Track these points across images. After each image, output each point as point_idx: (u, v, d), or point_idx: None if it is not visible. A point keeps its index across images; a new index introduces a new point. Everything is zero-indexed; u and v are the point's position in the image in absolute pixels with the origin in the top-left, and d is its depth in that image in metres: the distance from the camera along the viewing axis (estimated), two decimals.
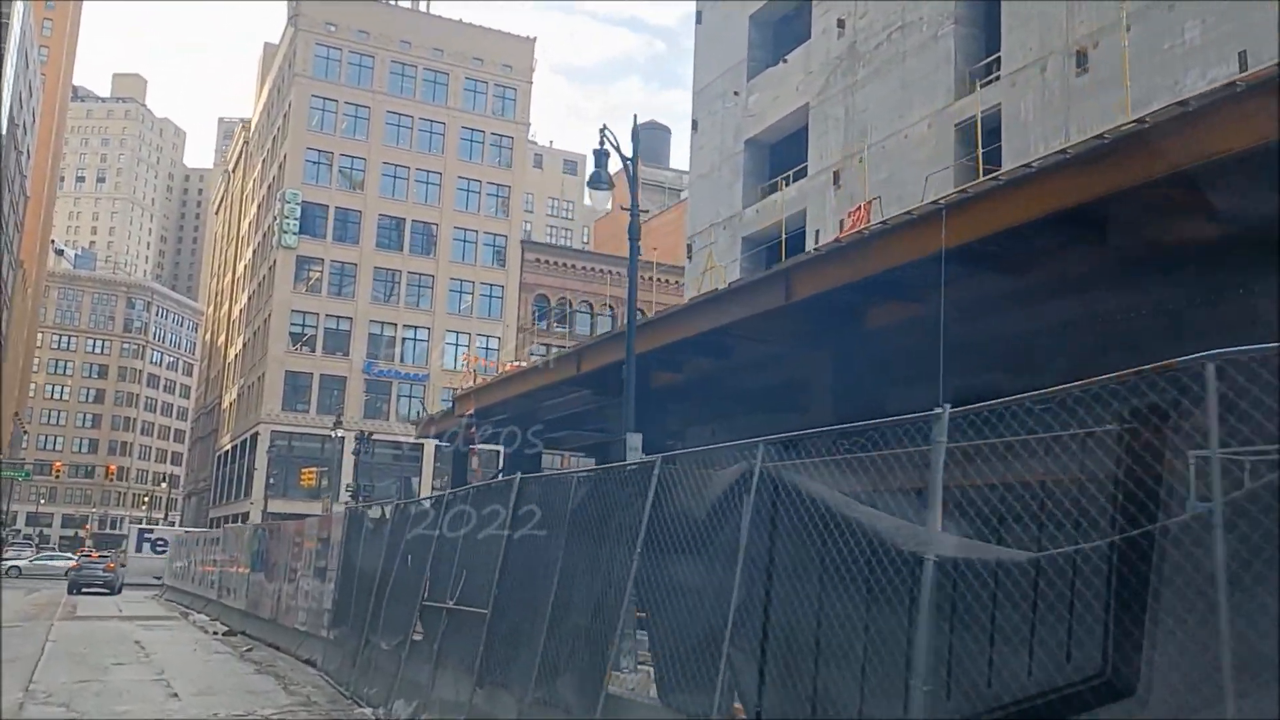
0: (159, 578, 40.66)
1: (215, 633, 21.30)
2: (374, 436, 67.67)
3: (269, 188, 75.70)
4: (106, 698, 12.21)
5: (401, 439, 67.99)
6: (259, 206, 79.76)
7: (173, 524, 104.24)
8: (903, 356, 19.55)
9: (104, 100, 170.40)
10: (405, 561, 11.50)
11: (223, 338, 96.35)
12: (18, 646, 17.87)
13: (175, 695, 12.39)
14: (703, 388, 25.58)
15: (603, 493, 7.56)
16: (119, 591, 39.42)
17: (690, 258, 38.36)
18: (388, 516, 12.51)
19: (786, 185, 33.36)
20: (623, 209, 19.31)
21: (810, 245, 29.32)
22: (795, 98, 32.67)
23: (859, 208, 22.63)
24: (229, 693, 12.71)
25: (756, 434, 6.21)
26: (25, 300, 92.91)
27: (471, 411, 31.28)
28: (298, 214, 67.81)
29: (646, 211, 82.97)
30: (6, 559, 65.07)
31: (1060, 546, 3.93)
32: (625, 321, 20.08)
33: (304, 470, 53.80)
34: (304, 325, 68.22)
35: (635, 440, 13.87)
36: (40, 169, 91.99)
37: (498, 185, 73.86)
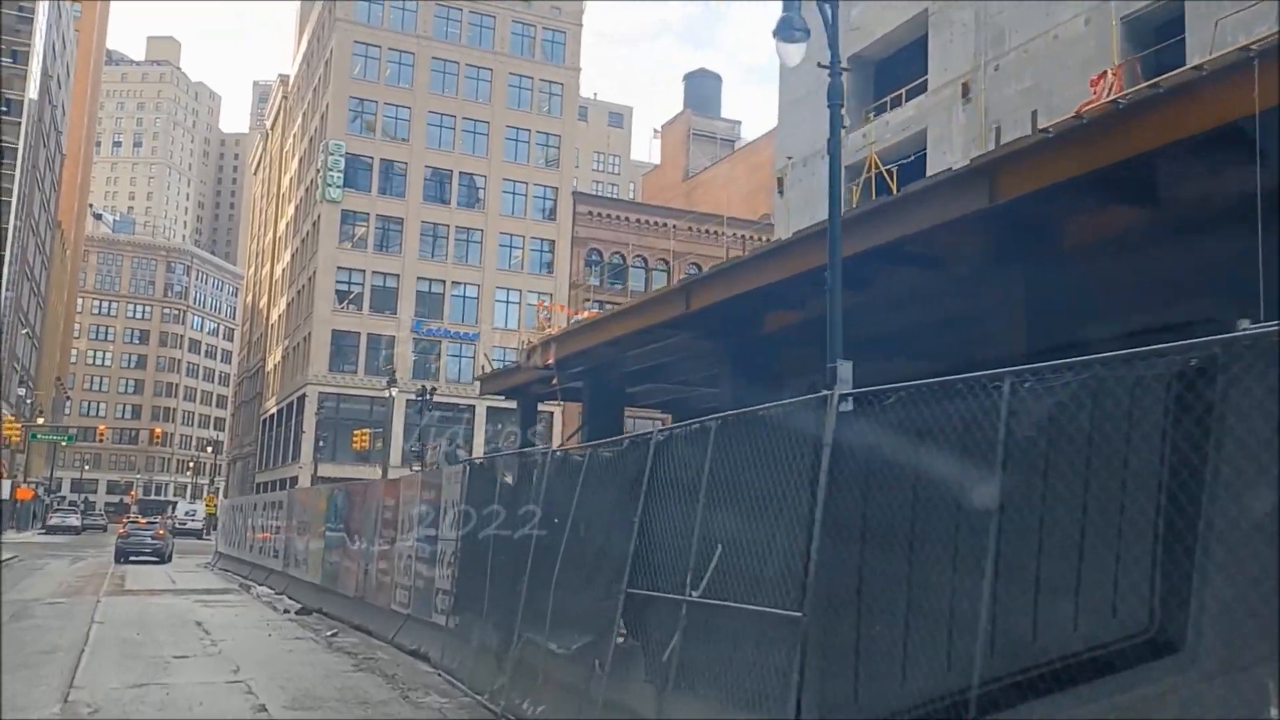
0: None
1: (286, 610, 18.25)
2: (413, 398, 64.89)
3: (310, 141, 72.53)
4: (172, 711, 9.06)
5: (453, 400, 65.16)
6: (300, 161, 76.66)
7: (217, 490, 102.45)
8: (1103, 284, 16.02)
9: (138, 64, 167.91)
10: (577, 531, 8.18)
11: (264, 300, 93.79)
12: (57, 633, 14.87)
13: (263, 709, 9.22)
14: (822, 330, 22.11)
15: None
16: (169, 560, 36.75)
17: (781, 193, 34.80)
18: (543, 466, 9.17)
19: (896, 106, 29.65)
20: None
21: (931, 169, 25.66)
22: (909, 5, 28.85)
23: (1102, 74, 18.74)
24: (332, 702, 9.54)
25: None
26: (65, 263, 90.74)
27: (552, 361, 27.98)
28: (341, 166, 64.58)
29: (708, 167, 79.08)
30: (53, 520, 63.27)
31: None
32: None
33: (356, 431, 50.93)
34: (350, 283, 65.24)
35: (846, 370, 10.38)
36: (76, 129, 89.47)
37: (547, 135, 70.23)
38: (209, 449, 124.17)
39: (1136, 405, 3.82)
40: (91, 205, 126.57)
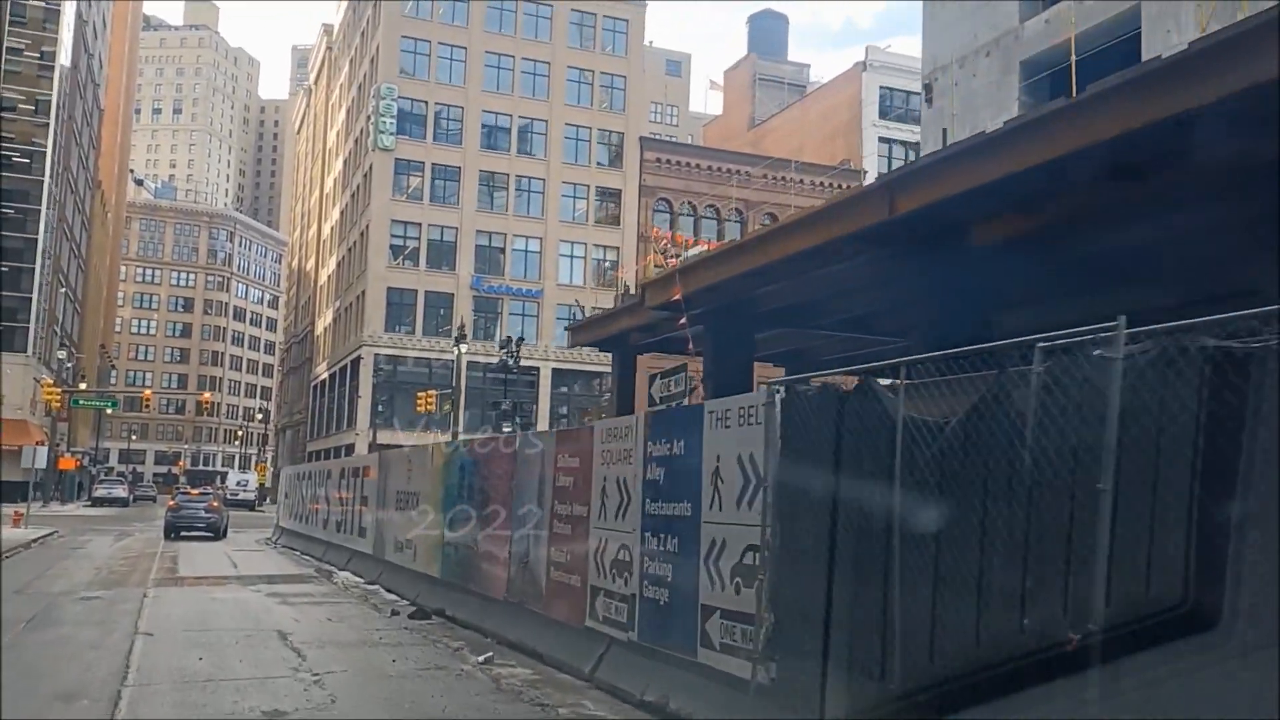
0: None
1: (395, 613, 13.44)
2: (478, 359, 60.40)
3: (359, 89, 67.70)
4: None
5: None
6: (348, 112, 71.90)
7: (265, 460, 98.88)
8: None
9: (177, 29, 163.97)
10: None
11: (311, 261, 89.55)
12: (87, 656, 10.18)
13: None
14: (1061, 243, 16.94)
15: None
16: (224, 536, 32.38)
17: (930, 102, 29.49)
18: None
19: None
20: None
21: (1149, 54, 20.21)
22: None
23: None
24: None
25: None
26: (105, 226, 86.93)
27: (679, 297, 22.95)
28: (394, 111, 59.73)
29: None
30: (99, 492, 59.48)
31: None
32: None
33: (420, 394, 46.36)
34: (405, 237, 60.59)
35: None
36: (114, 87, 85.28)
37: (611, 76, 64.90)
38: (257, 418, 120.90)
39: None
40: (132, 171, 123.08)
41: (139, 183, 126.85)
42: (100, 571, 19.82)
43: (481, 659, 9.79)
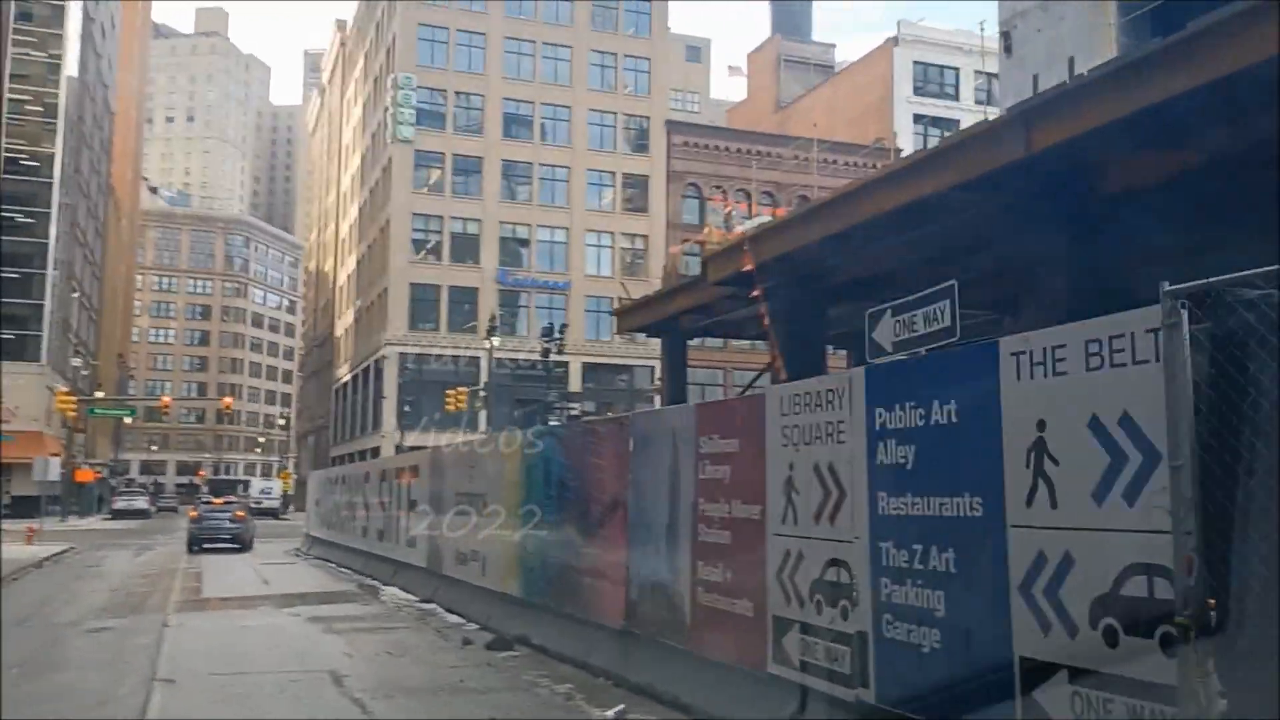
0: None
1: (468, 641, 10.95)
2: (505, 355, 57.94)
3: (375, 82, 65.38)
4: None
5: (539, 356, 57.94)
6: (364, 107, 69.60)
7: (286, 466, 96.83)
8: None
9: (187, 36, 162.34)
10: None
11: (329, 262, 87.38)
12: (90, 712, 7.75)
13: None
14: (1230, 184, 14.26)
15: None
16: (251, 547, 30.03)
17: (1009, 50, 26.86)
18: None
19: None
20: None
21: None
22: None
23: None
24: None
25: None
26: (120, 232, 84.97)
27: (750, 268, 20.39)
28: (412, 102, 57.36)
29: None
30: (118, 504, 57.23)
31: None
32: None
33: (452, 391, 43.91)
34: (427, 231, 58.22)
35: None
36: (125, 91, 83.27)
37: (636, 59, 62.34)
38: (279, 424, 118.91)
39: None
40: (146, 179, 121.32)
41: (153, 190, 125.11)
42: (115, 594, 17.41)
43: (611, 714, 7.26)
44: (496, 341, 39.60)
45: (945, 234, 18.75)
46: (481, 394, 40.90)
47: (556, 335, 33.66)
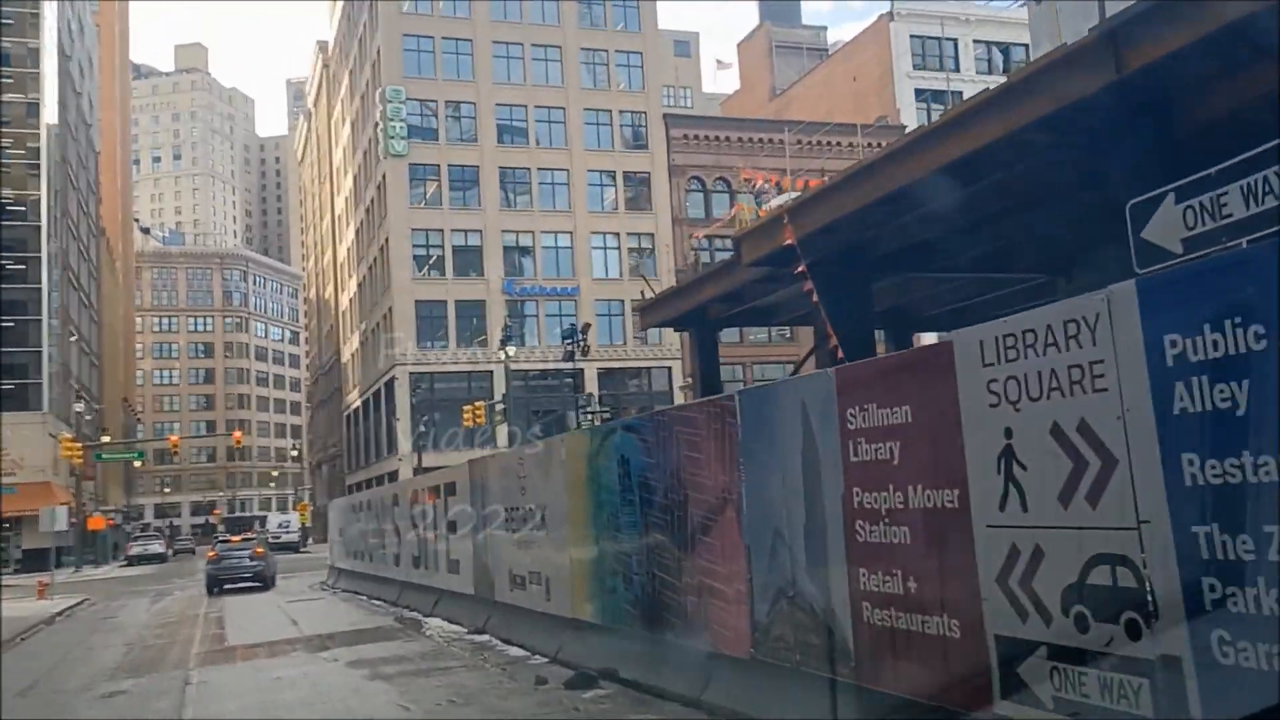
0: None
1: (542, 680, 9.30)
2: (516, 366, 56.32)
3: (362, 99, 63.95)
4: None
5: (554, 365, 56.45)
6: (353, 126, 68.17)
7: (302, 498, 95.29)
8: None
9: (168, 74, 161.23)
10: None
11: (329, 289, 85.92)
12: None
13: None
14: None
15: None
16: (273, 584, 28.44)
17: None
18: None
19: None
20: None
21: None
22: None
23: None
24: None
25: None
26: (115, 275, 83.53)
27: (791, 242, 18.75)
28: (403, 114, 55.87)
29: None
30: (134, 550, 55.55)
31: None
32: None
33: (466, 407, 42.28)
34: (428, 246, 56.66)
35: None
36: (109, 132, 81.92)
37: (627, 54, 60.83)
38: (291, 455, 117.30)
39: None
40: (138, 220, 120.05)
41: (145, 231, 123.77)
42: (131, 649, 15.79)
43: None
44: (512, 351, 38.00)
45: (1002, 189, 17.17)
46: (500, 406, 39.22)
47: (579, 336, 31.95)
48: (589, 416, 33.46)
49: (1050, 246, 21.01)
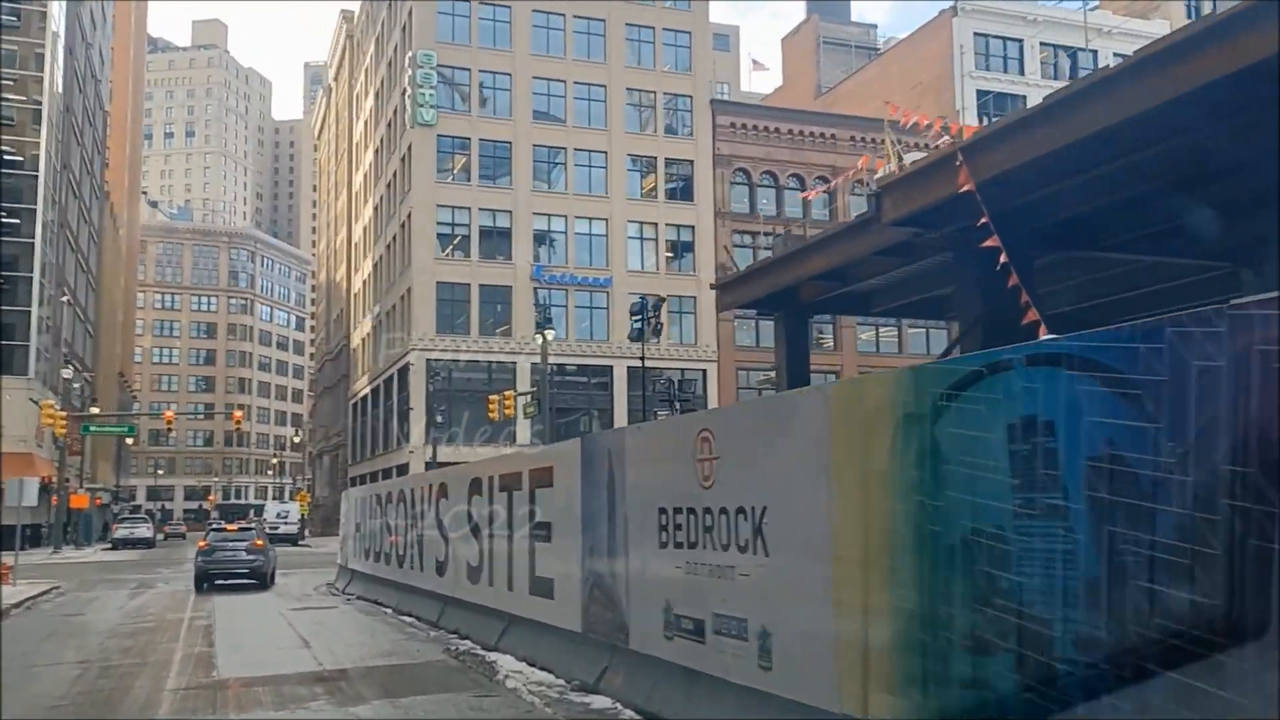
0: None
1: None
2: (539, 361, 52.18)
3: (389, 66, 59.91)
4: None
5: (583, 360, 52.32)
6: (377, 96, 64.12)
7: (299, 490, 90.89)
8: None
9: (185, 49, 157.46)
10: None
11: (341, 270, 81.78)
12: None
13: None
14: None
15: None
16: (273, 583, 24.26)
17: None
18: None
19: None
20: None
21: None
22: None
23: None
24: None
25: None
26: (118, 244, 79.37)
27: (968, 188, 14.61)
28: (434, 81, 51.81)
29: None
30: (119, 533, 51.12)
31: None
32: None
33: (496, 396, 38.04)
34: (453, 224, 52.54)
35: None
36: (121, 93, 77.89)
37: (675, 32, 56.79)
38: (292, 442, 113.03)
39: None
40: (146, 192, 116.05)
41: (153, 204, 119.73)
42: (88, 670, 11.57)
43: None
44: (551, 335, 33.88)
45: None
46: (533, 397, 35.02)
47: (651, 313, 27.43)
48: (668, 407, 29.04)
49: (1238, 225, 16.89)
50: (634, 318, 27.15)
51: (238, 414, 47.83)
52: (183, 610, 18.70)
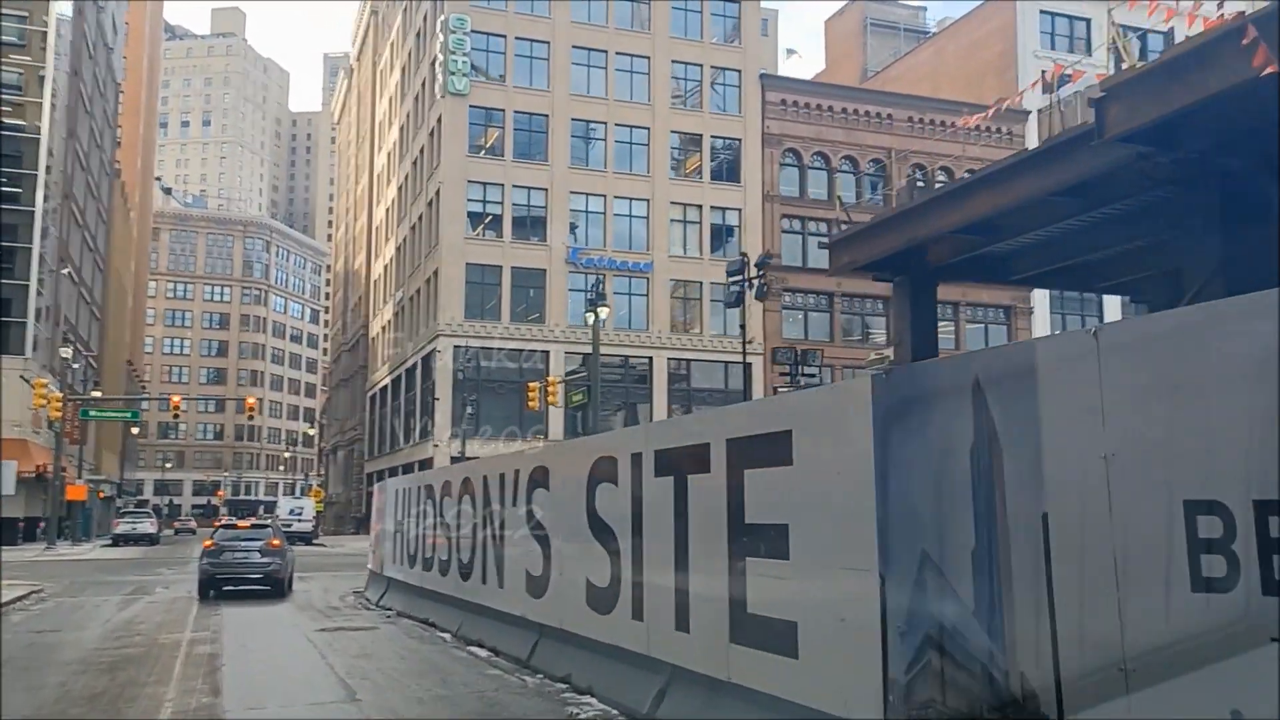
0: None
1: None
2: (574, 349, 48.23)
3: (418, 36, 56.02)
4: None
5: (621, 350, 48.21)
6: (403, 70, 60.22)
7: (311, 486, 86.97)
8: None
9: (203, 37, 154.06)
10: None
11: (359, 257, 77.98)
12: None
13: None
14: None
15: None
16: (290, 590, 20.26)
17: None
18: None
19: None
20: None
21: None
22: None
23: None
24: None
25: None
26: (129, 226, 75.60)
27: (1274, 68, 10.54)
28: (466, 48, 47.86)
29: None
30: (120, 528, 47.05)
31: None
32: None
33: (537, 384, 34.00)
34: (485, 201, 48.57)
35: None
36: (135, 71, 74.19)
37: (724, 1, 52.79)
38: (305, 435, 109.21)
39: None
40: (160, 178, 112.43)
41: (167, 191, 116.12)
42: (61, 698, 7.49)
43: None
44: (604, 314, 29.85)
45: None
46: (582, 383, 30.97)
47: (753, 270, 23.09)
48: (802, 376, 24.73)
49: None
50: (731, 279, 22.88)
51: (250, 400, 43.82)
52: (181, 628, 14.67)
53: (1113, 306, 48.31)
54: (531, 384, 34.89)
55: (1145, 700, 3.53)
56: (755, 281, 22.07)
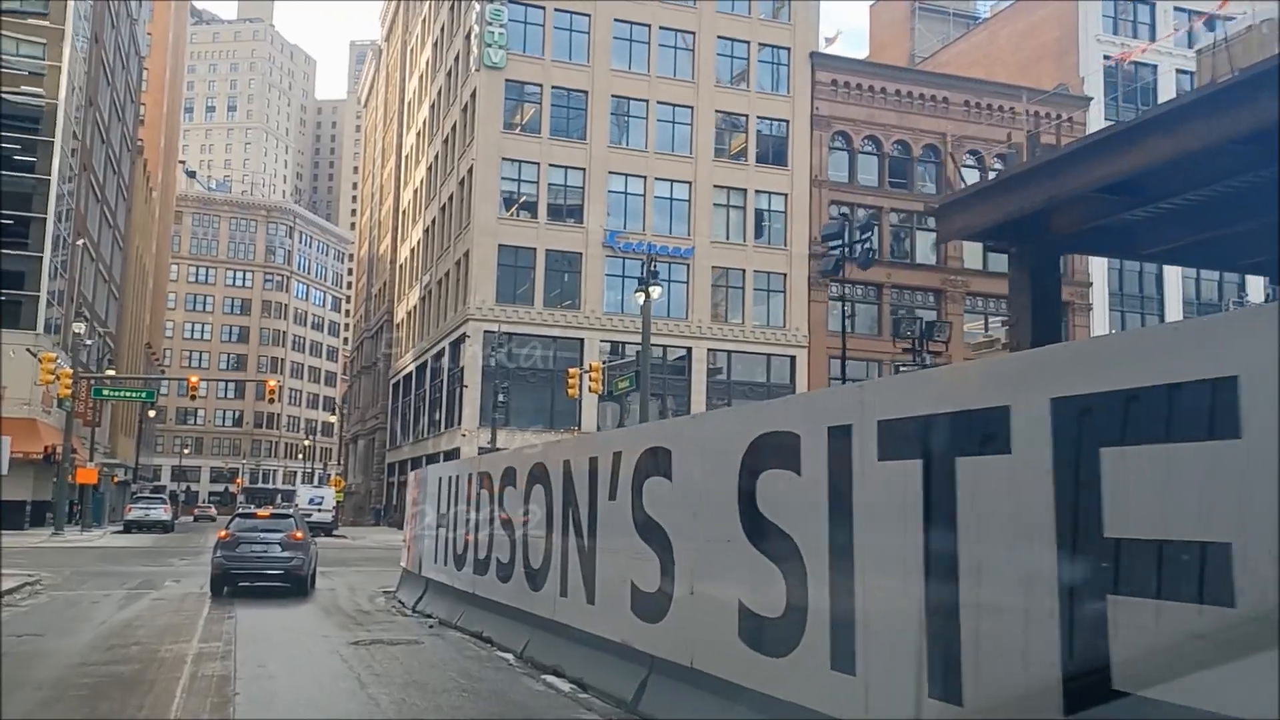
0: None
1: None
2: (611, 337, 45.79)
3: (451, 9, 53.62)
4: None
5: (656, 342, 45.61)
6: (435, 46, 57.87)
7: (331, 475, 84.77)
8: None
9: (230, 22, 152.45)
10: None
11: (385, 242, 75.79)
12: None
13: None
14: None
15: None
16: (313, 587, 17.89)
17: None
18: None
19: None
20: None
21: None
22: None
23: None
24: None
25: None
26: (150, 205, 73.59)
27: None
28: (504, 18, 45.43)
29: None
30: (132, 514, 44.80)
31: None
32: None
33: (577, 370, 31.52)
34: (519, 180, 46.13)
35: None
36: (160, 46, 72.17)
37: None
38: (325, 423, 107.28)
39: None
40: (184, 162, 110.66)
41: (190, 174, 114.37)
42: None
43: None
44: (656, 293, 27.33)
45: None
46: (631, 370, 28.50)
47: (860, 234, 20.16)
48: (927, 352, 22.10)
49: None
50: (830, 244, 20.26)
51: (271, 382, 41.52)
52: (189, 634, 12.25)
53: (1256, 288, 45.54)
54: (572, 370, 32.37)
55: None
56: (858, 247, 19.48)
